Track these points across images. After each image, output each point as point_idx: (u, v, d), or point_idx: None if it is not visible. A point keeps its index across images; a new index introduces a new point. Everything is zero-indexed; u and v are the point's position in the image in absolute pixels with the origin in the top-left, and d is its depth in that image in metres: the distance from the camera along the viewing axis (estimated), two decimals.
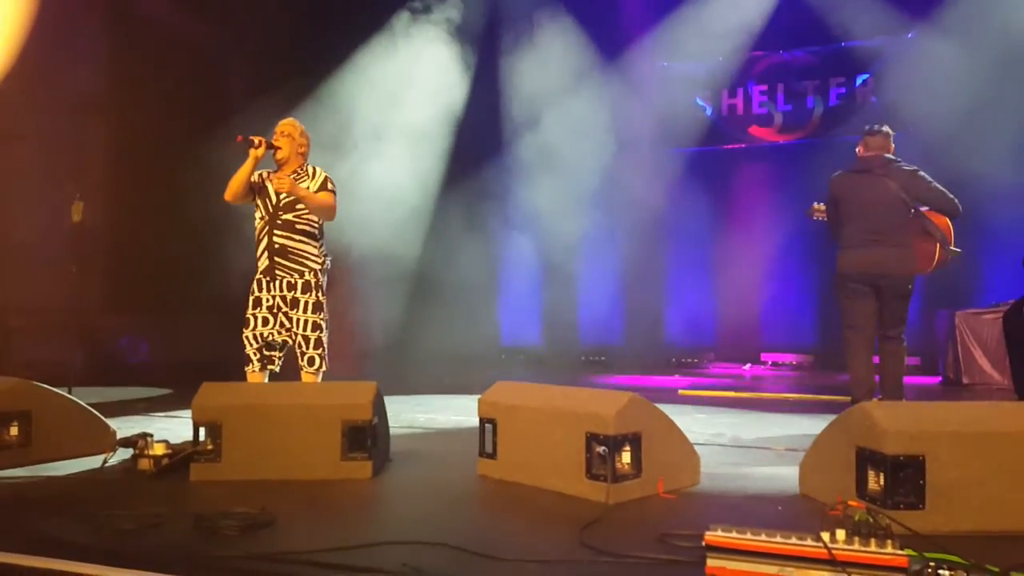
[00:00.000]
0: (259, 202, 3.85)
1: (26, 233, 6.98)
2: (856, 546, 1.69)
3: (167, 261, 7.79)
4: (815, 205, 4.51)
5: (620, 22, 9.06)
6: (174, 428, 3.98)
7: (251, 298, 3.81)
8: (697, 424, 4.37)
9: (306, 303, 3.79)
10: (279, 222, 3.77)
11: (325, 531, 2.23)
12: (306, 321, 3.78)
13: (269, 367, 3.84)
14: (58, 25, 7.45)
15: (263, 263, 3.78)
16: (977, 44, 6.95)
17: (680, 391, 6.34)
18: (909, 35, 8.20)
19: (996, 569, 1.80)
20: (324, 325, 3.84)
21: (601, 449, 2.52)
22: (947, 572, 1.73)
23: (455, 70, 8.42)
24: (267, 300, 3.77)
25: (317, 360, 3.79)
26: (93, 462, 2.99)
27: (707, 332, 9.37)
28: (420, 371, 7.70)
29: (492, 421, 2.95)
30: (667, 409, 2.81)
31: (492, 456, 2.94)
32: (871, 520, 1.74)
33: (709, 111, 9.61)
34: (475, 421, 3.06)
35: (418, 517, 2.44)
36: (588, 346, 9.38)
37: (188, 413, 2.93)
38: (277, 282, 3.77)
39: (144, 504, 2.49)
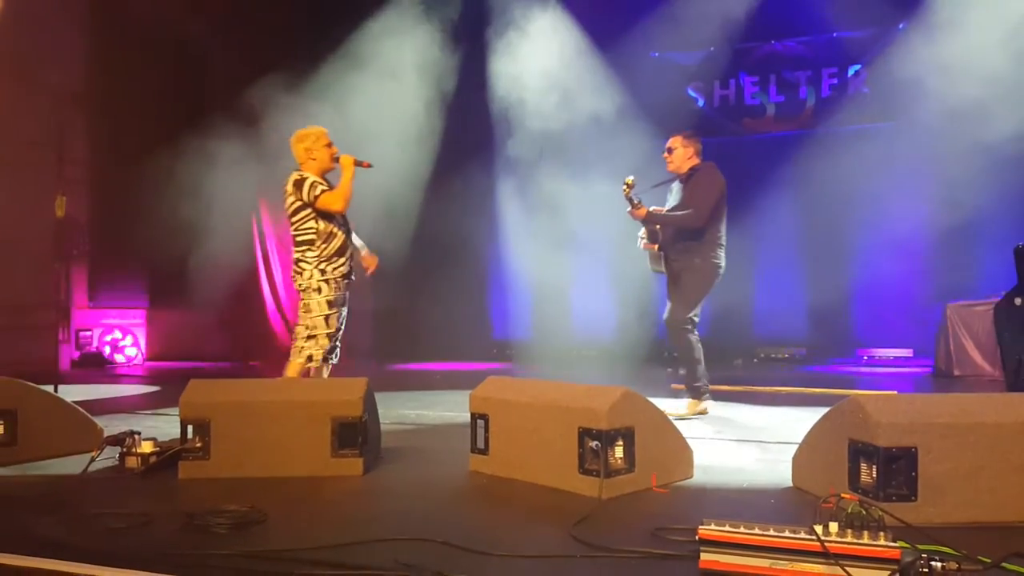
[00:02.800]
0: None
1: (9, 228, 6.91)
2: (849, 538, 1.69)
3: (152, 257, 7.73)
4: (630, 179, 4.39)
5: (611, 12, 9.01)
6: (162, 426, 3.94)
7: (335, 297, 4.01)
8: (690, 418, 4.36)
9: (346, 299, 4.16)
10: (351, 229, 4.14)
11: (316, 528, 2.21)
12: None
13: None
14: (39, 19, 7.36)
15: (346, 267, 4.02)
16: (969, 35, 6.95)
17: (673, 385, 6.34)
18: (901, 25, 8.20)
19: (988, 560, 1.80)
20: None
21: (594, 444, 2.51)
22: (939, 563, 1.72)
23: (445, 60, 8.36)
24: (343, 299, 4.06)
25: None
26: (80, 461, 2.95)
27: (700, 325, 9.36)
28: (411, 366, 7.68)
29: (484, 416, 2.93)
30: (660, 403, 2.81)
31: (484, 452, 2.92)
32: (864, 512, 1.73)
33: (701, 102, 9.59)
34: (466, 417, 3.04)
35: (409, 514, 2.42)
36: (580, 340, 9.37)
37: (176, 410, 2.90)
38: (347, 284, 4.06)
39: (133, 503, 2.47)
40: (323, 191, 3.94)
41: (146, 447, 2.91)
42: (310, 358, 3.93)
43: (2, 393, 3.10)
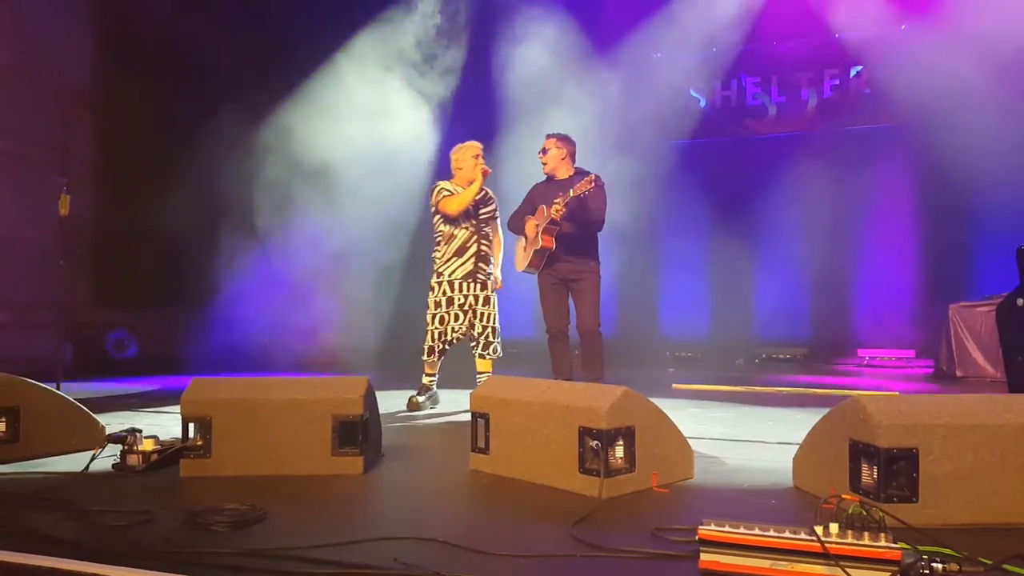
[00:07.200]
0: (462, 214, 4.42)
1: (12, 227, 6.93)
2: (849, 539, 1.69)
3: (156, 255, 7.74)
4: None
5: (613, 12, 9.01)
6: (163, 424, 3.95)
7: (443, 299, 4.31)
8: (691, 418, 4.36)
9: (487, 298, 4.45)
10: (482, 232, 4.42)
11: (316, 527, 2.21)
12: (492, 315, 4.45)
13: (441, 359, 4.45)
14: (45, 16, 7.38)
15: (466, 268, 4.32)
16: (970, 35, 6.95)
17: (674, 385, 6.34)
18: (902, 27, 8.20)
19: (989, 561, 1.80)
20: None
21: (594, 443, 2.51)
22: (940, 565, 1.72)
23: (447, 62, 8.37)
24: (459, 300, 4.30)
25: (498, 347, 4.49)
26: (82, 458, 2.96)
27: (701, 325, 9.37)
28: (412, 365, 7.68)
29: (484, 415, 2.93)
30: (661, 403, 2.80)
31: (484, 451, 2.92)
32: (864, 513, 1.73)
33: (703, 103, 9.59)
34: (467, 415, 3.04)
35: (409, 512, 2.42)
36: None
37: (177, 409, 2.90)
38: (474, 284, 4.31)
39: (133, 500, 2.47)
40: (444, 196, 4.29)
41: (148, 445, 2.91)
42: (425, 351, 4.29)
43: (4, 390, 3.10)
